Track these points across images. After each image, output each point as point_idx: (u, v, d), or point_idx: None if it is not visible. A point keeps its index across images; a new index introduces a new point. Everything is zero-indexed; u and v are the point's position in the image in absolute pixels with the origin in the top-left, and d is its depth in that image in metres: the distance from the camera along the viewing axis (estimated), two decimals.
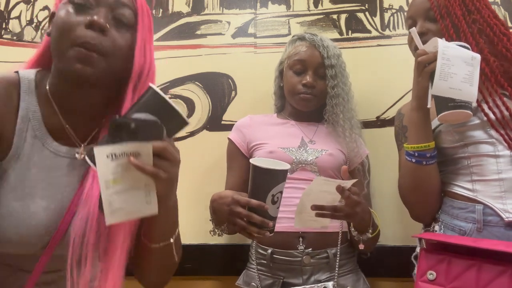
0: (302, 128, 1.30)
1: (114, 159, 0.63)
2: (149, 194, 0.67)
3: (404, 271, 1.15)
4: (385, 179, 1.40)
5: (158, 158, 0.66)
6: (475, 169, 1.01)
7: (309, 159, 1.21)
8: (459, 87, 0.90)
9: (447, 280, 0.85)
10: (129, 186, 0.65)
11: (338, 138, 1.26)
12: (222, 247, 1.42)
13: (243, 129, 1.32)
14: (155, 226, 0.77)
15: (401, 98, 1.48)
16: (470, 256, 0.85)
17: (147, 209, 0.67)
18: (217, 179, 1.35)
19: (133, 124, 0.62)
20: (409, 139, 1.05)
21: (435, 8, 1.05)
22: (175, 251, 0.82)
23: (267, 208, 0.94)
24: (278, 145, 1.23)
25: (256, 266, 1.20)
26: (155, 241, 0.78)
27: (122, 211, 0.65)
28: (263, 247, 1.19)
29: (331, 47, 1.27)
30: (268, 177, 0.94)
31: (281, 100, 1.38)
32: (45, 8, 1.63)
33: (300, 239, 1.15)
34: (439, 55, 0.91)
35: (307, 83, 1.24)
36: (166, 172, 0.66)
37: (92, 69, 0.74)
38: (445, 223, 1.04)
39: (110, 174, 0.63)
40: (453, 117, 0.95)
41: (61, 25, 0.75)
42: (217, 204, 1.10)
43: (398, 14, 1.54)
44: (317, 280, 1.14)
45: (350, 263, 1.21)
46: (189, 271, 1.41)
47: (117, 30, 0.78)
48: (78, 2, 0.76)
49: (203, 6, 1.62)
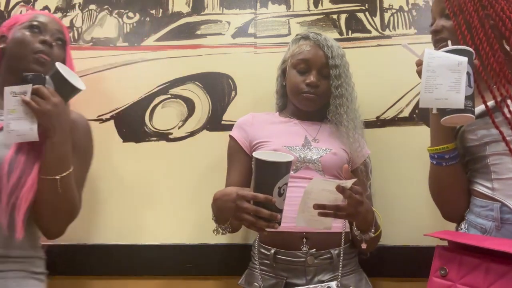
0: (305, 127, 1.29)
1: (14, 96, 1.03)
2: (32, 123, 1.02)
3: (407, 271, 1.16)
4: (385, 179, 1.40)
5: (35, 96, 1.02)
6: (494, 168, 1.02)
7: (314, 158, 1.21)
8: (445, 96, 0.91)
9: (458, 276, 0.88)
10: (20, 116, 1.02)
11: (341, 138, 1.26)
12: (223, 247, 1.42)
13: (245, 127, 1.31)
14: (44, 158, 1.05)
15: (401, 98, 1.48)
16: (480, 254, 0.87)
17: (31, 135, 1.03)
18: (217, 179, 1.35)
19: (29, 76, 1.05)
20: (431, 141, 1.07)
21: (449, 5, 1.06)
22: (61, 189, 1.05)
23: (274, 201, 0.93)
24: (282, 143, 1.22)
25: (258, 266, 1.19)
26: (42, 173, 1.04)
27: (14, 132, 1.02)
28: (266, 247, 1.19)
29: (335, 47, 1.27)
30: (274, 170, 0.94)
31: (283, 98, 1.38)
32: (45, 8, 1.63)
33: (304, 240, 1.15)
34: (424, 68, 0.92)
35: (311, 82, 1.24)
36: (38, 105, 1.01)
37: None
38: (470, 221, 1.05)
39: (11, 105, 1.03)
40: (454, 120, 0.95)
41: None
42: (222, 202, 1.08)
43: (398, 14, 1.54)
44: (320, 281, 1.14)
45: (352, 263, 1.20)
46: (189, 271, 1.41)
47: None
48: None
49: (203, 6, 1.61)
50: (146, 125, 1.54)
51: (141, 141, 1.53)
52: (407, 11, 1.54)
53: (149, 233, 1.46)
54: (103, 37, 1.62)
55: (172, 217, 1.47)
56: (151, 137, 1.53)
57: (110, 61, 1.59)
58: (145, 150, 1.52)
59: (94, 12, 1.64)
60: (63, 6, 1.65)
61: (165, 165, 1.51)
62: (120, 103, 1.56)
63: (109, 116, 1.55)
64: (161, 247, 1.44)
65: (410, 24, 1.53)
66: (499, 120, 0.99)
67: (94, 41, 1.61)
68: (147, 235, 1.45)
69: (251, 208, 0.95)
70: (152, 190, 1.49)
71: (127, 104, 1.56)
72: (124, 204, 1.48)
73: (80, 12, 1.64)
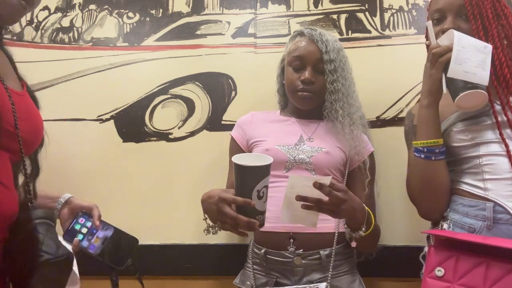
0: (302, 126, 1.28)
1: None
2: None
3: (409, 271, 1.15)
4: (385, 180, 1.40)
5: None
6: (486, 168, 1.02)
7: (305, 158, 1.20)
8: (473, 71, 0.96)
9: (455, 277, 0.86)
10: None
11: (338, 135, 1.23)
12: (221, 247, 1.42)
13: (243, 125, 1.31)
14: None
15: (401, 98, 1.48)
16: (478, 254, 0.86)
17: None
18: (217, 179, 1.35)
19: None
20: (418, 135, 1.06)
21: (469, 7, 1.05)
22: None
23: (253, 204, 0.94)
24: (275, 142, 1.22)
25: (252, 266, 1.19)
26: None
27: None
28: (258, 247, 1.19)
29: (331, 41, 1.24)
30: (251, 174, 0.94)
31: (283, 97, 1.37)
32: (45, 8, 1.63)
33: (291, 240, 1.14)
34: (455, 42, 0.97)
35: (305, 79, 1.22)
36: None
37: None
38: (454, 221, 1.04)
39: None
40: (470, 99, 0.97)
41: None
42: (206, 204, 1.09)
43: (398, 14, 1.54)
44: (309, 281, 1.12)
45: (346, 264, 1.17)
46: (189, 271, 1.41)
47: None
48: None
49: (203, 6, 1.61)
50: (146, 125, 1.54)
51: (141, 141, 1.53)
52: (407, 11, 1.54)
53: (149, 233, 1.46)
54: (103, 37, 1.62)
55: (172, 217, 1.47)
56: (151, 137, 1.53)
57: (110, 61, 1.59)
58: (145, 150, 1.53)
59: (94, 12, 1.64)
60: (63, 6, 1.65)
61: (165, 165, 1.51)
62: (120, 103, 1.56)
63: (109, 116, 1.55)
64: (160, 247, 1.44)
65: (410, 24, 1.53)
66: (488, 123, 1.03)
67: (94, 41, 1.61)
68: (147, 235, 1.45)
69: (230, 214, 0.97)
70: (152, 190, 1.50)
71: (127, 104, 1.56)
72: (124, 204, 1.48)
73: (80, 12, 1.64)
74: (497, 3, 1.06)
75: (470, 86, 0.96)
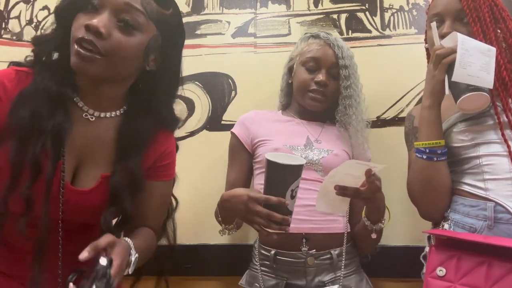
0: (307, 127, 1.29)
1: None
2: None
3: (409, 271, 1.15)
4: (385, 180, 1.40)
5: None
6: (487, 168, 1.03)
7: (315, 159, 1.21)
8: (477, 74, 0.96)
9: (457, 276, 0.86)
10: None
11: (344, 139, 1.26)
12: (223, 247, 1.41)
13: (248, 123, 1.30)
14: None
15: (402, 98, 1.48)
16: (480, 253, 0.86)
17: None
18: (217, 179, 1.35)
19: None
20: (420, 136, 1.07)
21: (468, 10, 1.05)
22: None
23: (287, 204, 0.93)
24: (283, 142, 1.22)
25: (259, 267, 1.19)
26: None
27: None
28: (266, 248, 1.18)
29: (345, 48, 1.27)
30: (288, 173, 0.93)
31: (287, 97, 1.37)
32: (44, 8, 1.63)
33: (304, 240, 1.14)
34: (459, 45, 0.97)
35: (320, 81, 1.23)
36: None
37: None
38: (455, 221, 1.05)
39: None
40: (472, 101, 0.97)
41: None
42: (231, 204, 1.05)
43: (398, 14, 1.54)
44: (321, 281, 1.14)
45: (353, 264, 1.20)
46: (189, 271, 1.41)
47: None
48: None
49: (203, 6, 1.61)
50: None
51: None
52: (408, 11, 1.54)
53: None
54: None
55: None
56: None
57: None
58: None
59: None
60: None
61: None
62: None
63: None
64: (161, 247, 1.43)
65: (411, 24, 1.53)
66: (489, 124, 1.03)
67: None
68: None
69: (263, 212, 0.94)
70: None
71: None
72: None
73: None
74: (494, 7, 1.06)
75: (472, 88, 0.96)
